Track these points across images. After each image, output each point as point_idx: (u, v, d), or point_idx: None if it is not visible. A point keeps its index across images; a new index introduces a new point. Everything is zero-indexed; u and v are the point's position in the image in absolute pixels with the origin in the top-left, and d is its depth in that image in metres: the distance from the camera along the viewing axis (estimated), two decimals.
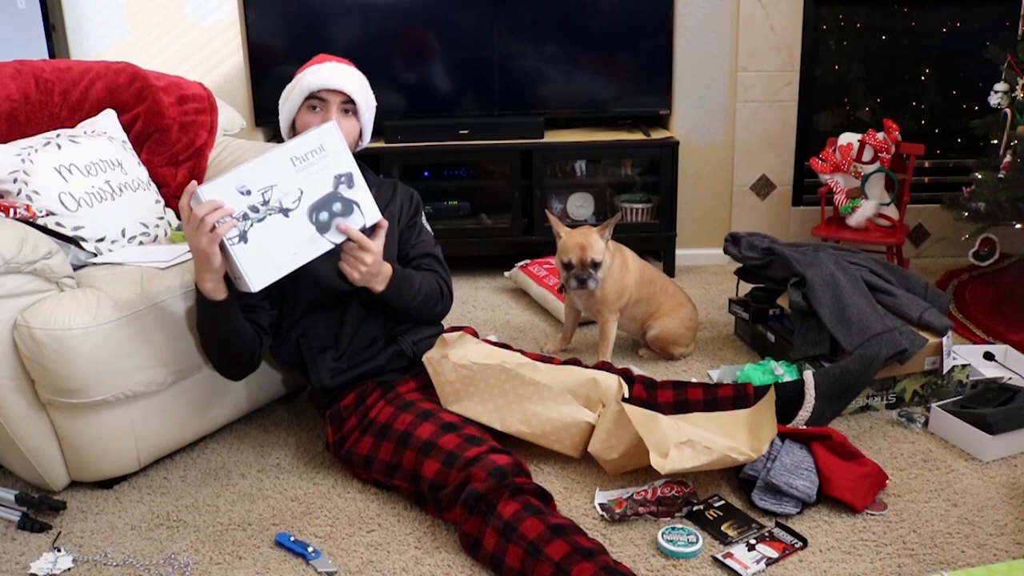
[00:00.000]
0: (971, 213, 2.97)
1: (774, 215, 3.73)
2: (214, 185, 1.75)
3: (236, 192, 1.77)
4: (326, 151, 1.82)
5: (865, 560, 1.77)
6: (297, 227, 1.83)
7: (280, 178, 1.80)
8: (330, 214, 1.86)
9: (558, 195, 3.62)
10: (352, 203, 1.83)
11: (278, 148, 1.83)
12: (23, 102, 2.43)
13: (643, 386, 2.19)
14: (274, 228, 1.81)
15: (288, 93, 2.13)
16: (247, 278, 1.81)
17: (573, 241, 2.48)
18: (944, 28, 3.65)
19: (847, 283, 2.45)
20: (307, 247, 1.86)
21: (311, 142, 1.84)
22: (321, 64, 2.10)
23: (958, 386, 2.41)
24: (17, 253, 1.85)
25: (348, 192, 1.83)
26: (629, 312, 2.67)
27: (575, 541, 1.64)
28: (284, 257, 1.84)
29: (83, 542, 1.89)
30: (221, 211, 1.75)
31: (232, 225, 1.77)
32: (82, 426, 1.96)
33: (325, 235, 1.86)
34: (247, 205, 1.78)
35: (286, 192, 1.79)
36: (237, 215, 1.77)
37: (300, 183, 1.80)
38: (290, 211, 1.80)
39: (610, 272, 2.56)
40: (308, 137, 1.85)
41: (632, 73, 3.63)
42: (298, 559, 1.81)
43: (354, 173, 1.87)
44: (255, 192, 1.78)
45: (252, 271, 1.81)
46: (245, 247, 1.80)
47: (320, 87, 2.06)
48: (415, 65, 3.59)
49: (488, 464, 1.79)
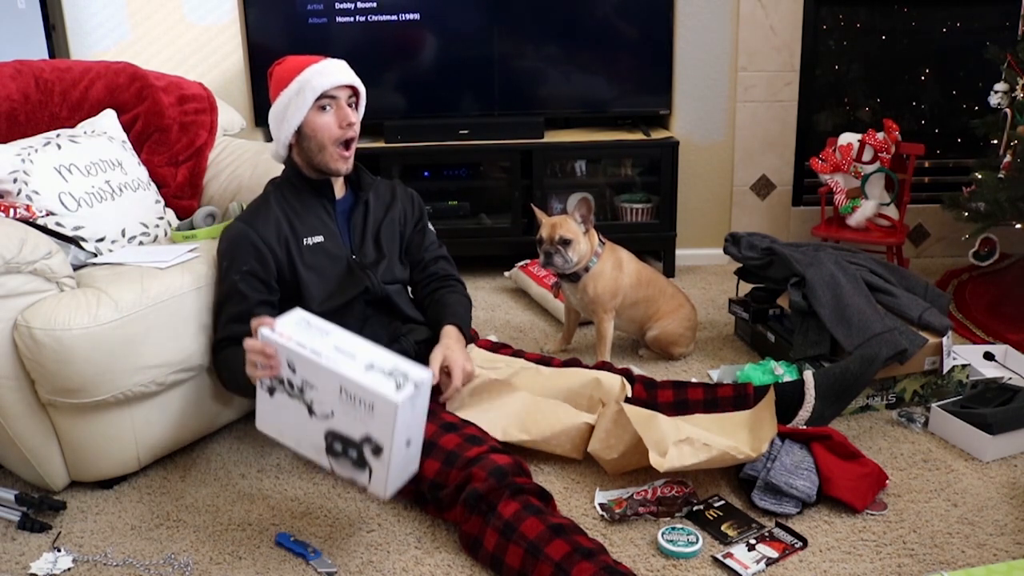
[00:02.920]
0: (971, 213, 2.97)
1: (774, 215, 3.73)
2: (273, 337, 1.70)
3: (284, 359, 1.70)
4: (374, 413, 1.62)
5: (865, 560, 1.77)
6: (312, 429, 1.73)
7: (322, 387, 1.67)
8: (343, 452, 1.71)
9: (558, 195, 3.62)
10: (366, 464, 1.68)
11: (339, 363, 1.64)
12: (23, 102, 2.43)
13: (643, 386, 2.19)
14: (295, 410, 1.74)
15: (290, 99, 2.04)
16: (257, 416, 1.81)
17: (548, 221, 2.55)
18: (944, 28, 3.66)
19: (847, 283, 2.45)
20: (310, 449, 1.76)
21: (368, 396, 1.62)
22: (320, 63, 2.07)
23: (958, 386, 2.41)
24: (17, 253, 1.84)
25: (368, 453, 1.68)
26: (627, 314, 2.67)
27: (575, 541, 1.64)
28: (289, 434, 1.79)
29: (83, 542, 1.89)
30: (264, 360, 1.71)
31: (267, 375, 1.73)
32: (82, 426, 1.96)
33: (329, 457, 1.74)
34: (286, 376, 1.72)
35: (321, 400, 1.68)
36: (277, 374, 1.73)
37: (336, 406, 1.66)
38: (314, 414, 1.71)
39: (602, 272, 2.57)
40: (371, 391, 1.61)
41: (632, 73, 3.63)
42: (298, 559, 1.81)
43: (386, 449, 1.65)
44: (297, 375, 1.70)
45: (262, 415, 1.80)
46: (268, 398, 1.76)
47: (332, 86, 2.04)
48: (415, 65, 3.59)
49: (488, 464, 1.79)
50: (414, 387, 1.61)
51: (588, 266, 2.55)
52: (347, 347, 1.68)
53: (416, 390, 1.62)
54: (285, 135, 2.08)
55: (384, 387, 1.59)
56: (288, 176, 2.16)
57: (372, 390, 1.60)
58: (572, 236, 2.50)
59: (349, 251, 2.14)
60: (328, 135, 2.05)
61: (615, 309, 2.63)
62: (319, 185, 2.13)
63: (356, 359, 1.65)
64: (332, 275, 2.10)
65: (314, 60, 2.08)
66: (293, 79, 2.05)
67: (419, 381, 1.63)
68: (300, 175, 2.13)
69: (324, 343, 1.68)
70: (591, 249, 2.55)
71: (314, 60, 2.08)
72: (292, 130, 2.06)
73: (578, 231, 2.52)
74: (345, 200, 2.20)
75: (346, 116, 2.06)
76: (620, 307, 2.64)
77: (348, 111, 2.07)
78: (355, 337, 1.72)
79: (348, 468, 1.72)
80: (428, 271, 2.28)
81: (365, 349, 1.68)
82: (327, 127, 2.05)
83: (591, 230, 2.56)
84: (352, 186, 2.21)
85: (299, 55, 2.12)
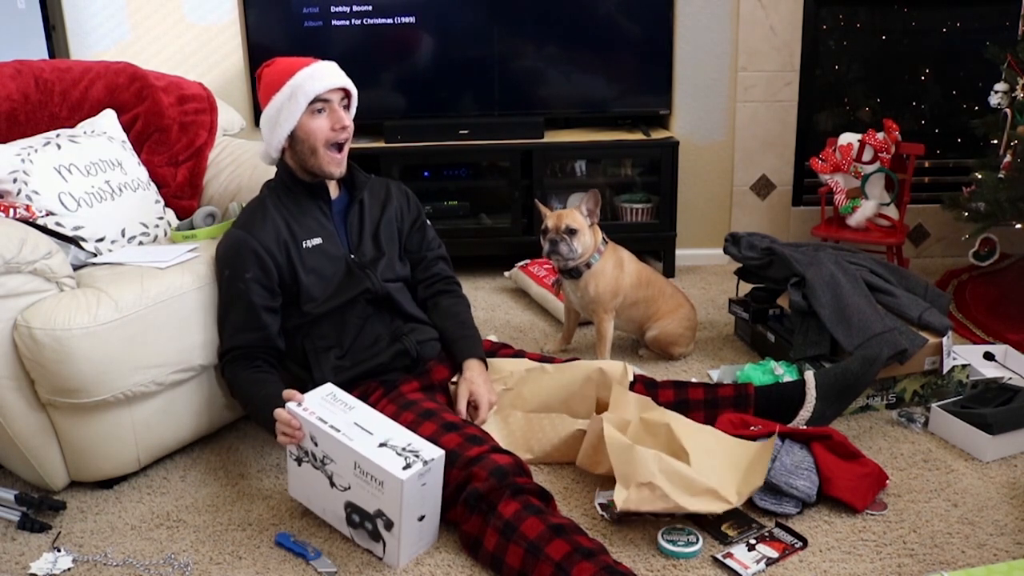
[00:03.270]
0: (971, 213, 2.97)
1: (774, 215, 3.73)
2: (298, 411, 1.81)
3: (309, 433, 1.81)
4: (384, 489, 1.70)
5: (865, 560, 1.77)
6: (333, 500, 1.83)
7: (340, 461, 1.77)
8: (361, 523, 1.80)
9: (558, 195, 3.62)
10: (380, 537, 1.76)
11: (354, 440, 1.74)
12: (23, 102, 2.43)
13: (644, 386, 2.19)
14: (319, 481, 1.83)
15: (282, 104, 2.03)
16: (289, 483, 1.94)
17: (553, 213, 2.57)
18: (944, 28, 3.65)
19: (847, 283, 2.45)
20: (334, 518, 1.86)
21: (378, 473, 1.70)
22: (311, 67, 2.05)
23: (958, 386, 2.41)
24: (17, 253, 1.84)
25: (382, 527, 1.75)
26: (627, 314, 2.67)
27: (575, 541, 1.64)
28: (316, 502, 1.89)
29: (83, 542, 1.89)
30: (290, 431, 1.81)
31: (293, 443, 1.84)
32: (82, 426, 1.96)
33: (349, 528, 1.83)
34: (310, 449, 1.82)
35: (340, 474, 1.78)
36: (303, 444, 1.83)
37: (353, 480, 1.75)
38: (335, 486, 1.80)
39: (604, 271, 2.58)
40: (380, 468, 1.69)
41: (632, 73, 3.63)
42: (298, 559, 1.81)
43: (396, 524, 1.72)
44: (319, 448, 1.80)
45: (293, 483, 1.92)
46: (296, 467, 1.88)
47: (326, 89, 2.04)
48: (415, 65, 3.58)
49: (489, 464, 1.79)
50: (423, 464, 1.69)
51: (590, 262, 2.56)
52: (366, 423, 1.78)
53: (425, 467, 1.70)
54: (278, 139, 2.07)
55: (392, 465, 1.68)
56: (282, 179, 2.15)
57: (381, 467, 1.68)
58: (578, 226, 2.52)
59: (347, 251, 2.14)
60: (321, 138, 2.05)
61: (615, 309, 2.63)
62: (313, 187, 2.13)
63: (373, 436, 1.75)
64: (332, 276, 2.10)
65: (304, 63, 2.06)
66: (284, 83, 2.03)
67: (429, 459, 1.71)
68: (294, 177, 2.13)
69: (345, 419, 1.79)
70: (595, 244, 2.56)
71: (304, 63, 2.06)
72: (285, 135, 2.06)
73: (583, 222, 2.53)
74: (340, 200, 2.19)
75: (340, 119, 2.06)
76: (620, 307, 2.64)
77: (342, 113, 2.07)
78: (377, 414, 1.82)
79: (365, 539, 1.81)
80: (431, 271, 2.28)
81: (384, 426, 1.79)
82: (320, 130, 2.05)
83: (596, 225, 2.57)
84: (346, 186, 2.21)
85: (287, 56, 2.10)
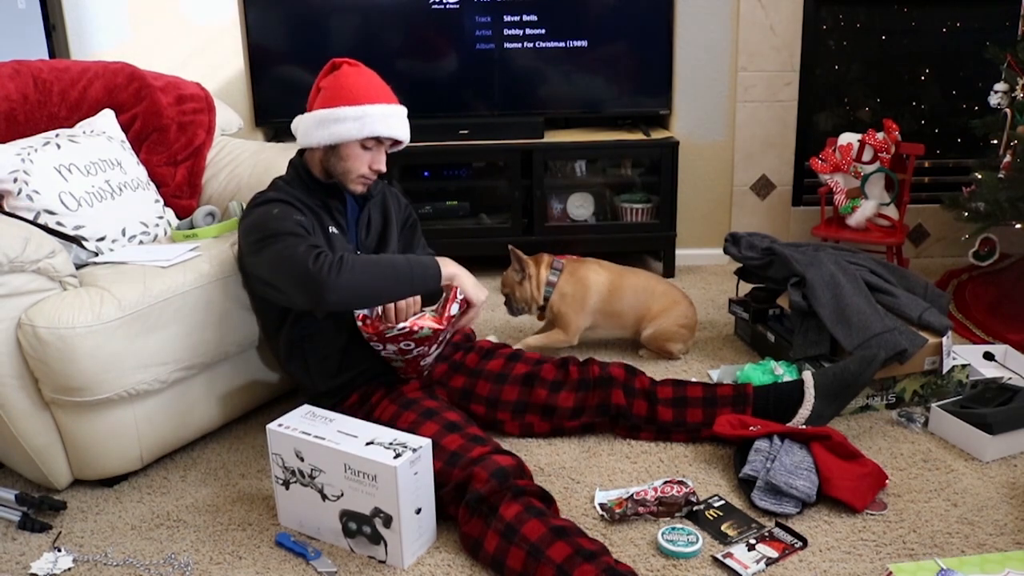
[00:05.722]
0: (971, 213, 2.97)
1: (774, 215, 3.73)
2: (281, 429, 1.83)
3: (293, 450, 1.82)
4: (378, 483, 1.72)
5: (865, 560, 1.77)
6: (327, 514, 1.82)
7: (329, 469, 1.78)
8: (358, 530, 1.80)
9: (558, 195, 3.62)
10: (381, 538, 1.76)
11: (341, 443, 1.76)
12: (22, 102, 2.43)
13: (643, 384, 2.19)
14: (310, 498, 1.83)
15: (346, 118, 2.02)
16: (279, 513, 1.93)
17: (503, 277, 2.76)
18: (944, 28, 3.66)
19: (847, 283, 2.45)
20: (330, 534, 1.84)
21: (370, 468, 1.73)
22: (391, 107, 2.06)
23: (958, 386, 2.41)
24: (21, 252, 1.85)
25: (381, 526, 1.75)
26: (614, 323, 2.75)
27: (577, 543, 1.64)
28: (310, 524, 1.88)
29: (83, 542, 1.89)
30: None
31: (279, 468, 1.86)
32: (85, 424, 1.97)
33: (347, 539, 1.82)
34: (296, 466, 1.83)
35: (330, 483, 1.79)
36: (288, 464, 1.84)
37: (344, 485, 1.77)
38: (327, 497, 1.80)
39: (563, 292, 2.69)
40: (372, 462, 1.72)
41: (632, 73, 3.63)
42: (298, 559, 1.81)
43: (395, 518, 1.73)
44: (306, 463, 1.81)
45: (283, 511, 1.91)
46: (284, 492, 1.88)
47: (389, 135, 2.06)
48: (415, 65, 3.58)
49: (491, 465, 1.79)
50: (412, 452, 1.73)
51: (546, 295, 2.69)
52: (349, 429, 1.82)
53: (415, 454, 1.73)
54: (318, 139, 2.05)
55: (383, 457, 1.71)
56: (299, 175, 2.14)
57: (372, 461, 1.71)
58: (508, 289, 2.75)
59: (356, 247, 2.17)
60: (356, 169, 2.08)
61: (579, 331, 2.71)
62: (330, 187, 2.14)
63: (358, 438, 1.79)
64: None
65: (382, 94, 2.07)
66: (361, 104, 2.03)
67: (416, 447, 1.75)
68: (311, 175, 2.13)
69: (327, 429, 1.82)
70: (538, 283, 2.69)
71: (382, 94, 2.07)
72: (328, 142, 2.05)
73: (513, 281, 2.71)
74: (351, 201, 2.20)
75: (379, 163, 2.09)
76: (601, 323, 2.74)
77: (382, 159, 2.10)
78: (359, 421, 1.87)
79: (365, 545, 1.80)
80: None
81: (367, 428, 1.83)
82: (360, 164, 2.07)
83: (529, 272, 2.68)
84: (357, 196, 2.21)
85: (360, 70, 2.09)
